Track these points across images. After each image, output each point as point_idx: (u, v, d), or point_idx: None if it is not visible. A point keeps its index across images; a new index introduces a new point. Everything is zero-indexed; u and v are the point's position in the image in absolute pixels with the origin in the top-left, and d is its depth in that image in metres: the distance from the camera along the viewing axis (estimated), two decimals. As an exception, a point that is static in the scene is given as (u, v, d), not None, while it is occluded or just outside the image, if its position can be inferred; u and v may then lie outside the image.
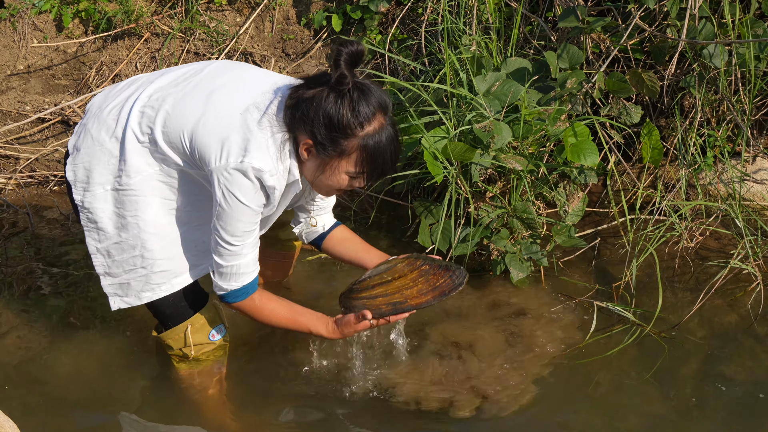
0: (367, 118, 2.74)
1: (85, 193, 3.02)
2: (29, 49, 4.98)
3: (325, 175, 2.86)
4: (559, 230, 3.82)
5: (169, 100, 2.88)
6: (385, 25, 4.86)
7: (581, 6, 3.98)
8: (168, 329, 3.18)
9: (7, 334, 3.59)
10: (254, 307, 3.03)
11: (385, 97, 2.78)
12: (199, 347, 3.20)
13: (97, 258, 3.08)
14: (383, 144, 2.79)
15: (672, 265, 3.94)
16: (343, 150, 2.78)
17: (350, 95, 2.72)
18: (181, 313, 3.15)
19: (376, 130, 2.77)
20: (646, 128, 3.91)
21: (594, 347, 3.46)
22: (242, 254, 2.92)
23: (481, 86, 3.80)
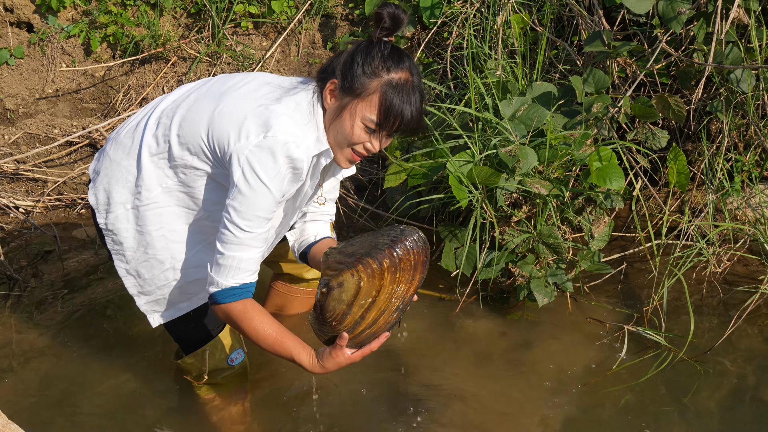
0: (395, 66, 2.71)
1: (108, 215, 3.01)
2: (58, 73, 5.03)
3: (342, 120, 2.74)
4: (585, 255, 3.80)
5: (182, 107, 2.87)
6: (410, 49, 4.87)
7: (607, 30, 3.97)
8: (188, 354, 3.18)
9: (32, 357, 3.60)
10: (243, 314, 2.79)
11: (415, 68, 2.76)
12: (218, 372, 3.19)
13: (128, 279, 3.07)
14: (405, 95, 2.71)
15: (699, 290, 3.91)
16: (364, 89, 2.70)
17: (383, 44, 2.71)
18: (200, 337, 3.15)
19: (401, 80, 2.71)
20: (673, 153, 3.89)
21: (625, 373, 3.43)
22: (248, 245, 2.74)
23: (506, 110, 3.79)
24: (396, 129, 2.74)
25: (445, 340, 3.68)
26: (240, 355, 3.20)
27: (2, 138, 4.91)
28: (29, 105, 5.00)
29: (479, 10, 4.46)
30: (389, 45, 2.72)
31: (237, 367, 3.21)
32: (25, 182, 4.73)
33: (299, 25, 5.03)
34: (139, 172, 2.91)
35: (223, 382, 3.23)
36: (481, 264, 3.77)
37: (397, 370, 3.49)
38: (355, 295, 2.70)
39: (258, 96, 2.76)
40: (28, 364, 3.56)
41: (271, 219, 2.75)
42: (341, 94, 2.72)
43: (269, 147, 2.65)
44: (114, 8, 4.97)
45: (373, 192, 4.62)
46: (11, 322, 3.81)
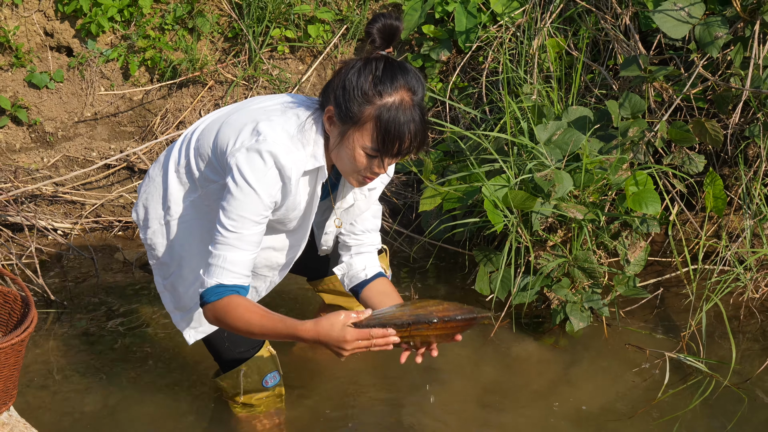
0: (388, 88, 2.60)
1: (147, 230, 3.08)
2: (96, 97, 5.08)
3: (343, 147, 2.67)
4: (621, 280, 3.78)
5: (205, 122, 2.94)
6: (446, 74, 4.89)
7: (643, 55, 3.96)
8: (225, 372, 3.20)
9: (70, 376, 3.63)
10: (227, 306, 2.69)
11: (414, 79, 2.63)
12: (252, 393, 3.21)
13: (165, 296, 3.13)
14: (400, 119, 2.60)
15: (737, 315, 3.88)
16: (358, 117, 2.61)
17: (375, 64, 2.61)
18: (236, 357, 3.17)
19: (395, 103, 2.60)
20: (709, 177, 3.87)
21: (669, 402, 3.40)
22: (234, 246, 2.69)
23: (542, 135, 3.79)
24: (397, 153, 2.66)
25: (480, 365, 3.67)
26: (275, 378, 3.21)
27: (41, 161, 4.97)
28: (68, 128, 5.06)
29: (515, 34, 4.47)
30: (381, 62, 2.62)
31: (272, 389, 3.22)
32: (63, 204, 4.78)
33: (335, 49, 5.06)
34: (167, 187, 2.98)
35: (258, 403, 3.24)
36: (516, 288, 3.76)
37: (429, 395, 3.49)
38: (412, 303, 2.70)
39: (267, 109, 2.78)
40: (66, 383, 3.58)
41: (260, 223, 2.71)
42: (338, 121, 2.67)
43: (258, 150, 2.65)
44: (152, 33, 5.03)
45: (407, 215, 4.63)
46: (49, 343, 3.84)
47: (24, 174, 4.84)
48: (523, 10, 4.48)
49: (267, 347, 3.20)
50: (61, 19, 5.06)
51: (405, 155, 2.69)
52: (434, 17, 4.82)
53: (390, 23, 2.63)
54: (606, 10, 4.32)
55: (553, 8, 4.39)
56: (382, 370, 3.61)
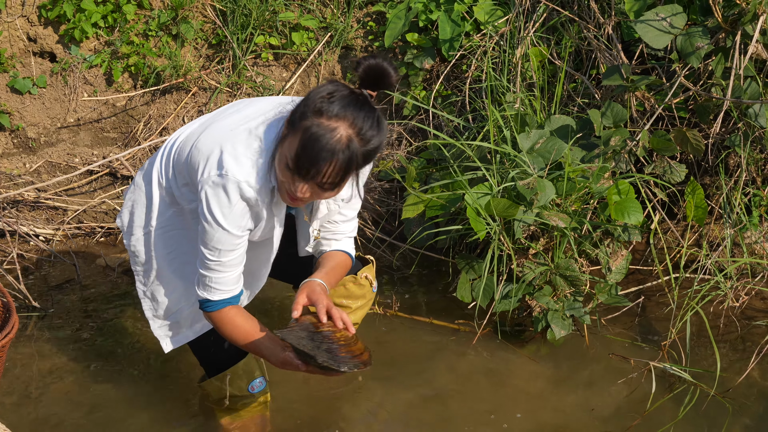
0: (334, 113, 2.53)
1: (131, 237, 3.11)
2: (79, 102, 5.07)
3: (278, 161, 2.66)
4: (603, 288, 3.80)
5: (183, 135, 2.95)
6: (429, 81, 4.90)
7: (626, 64, 3.99)
8: (210, 377, 3.20)
9: (51, 383, 3.61)
10: (224, 319, 2.87)
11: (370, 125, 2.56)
12: (237, 398, 3.20)
13: (145, 302, 3.15)
14: (325, 144, 2.52)
15: (717, 324, 3.90)
16: (295, 126, 2.58)
17: (343, 90, 2.56)
18: (223, 361, 3.17)
19: (331, 128, 2.53)
20: (691, 186, 3.90)
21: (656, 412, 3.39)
22: (219, 270, 2.81)
23: (524, 143, 3.81)
24: (308, 176, 2.59)
25: (462, 373, 3.67)
26: (261, 384, 3.21)
27: (24, 166, 4.95)
28: (51, 134, 5.04)
29: (498, 43, 4.49)
30: (347, 91, 2.58)
31: (257, 395, 3.22)
32: (45, 210, 4.76)
33: (319, 56, 5.06)
34: (151, 196, 3.01)
35: (243, 409, 3.24)
36: (499, 296, 3.77)
37: (413, 403, 3.49)
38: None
39: (235, 127, 2.77)
40: (47, 389, 3.57)
41: (237, 247, 2.79)
42: (288, 126, 2.65)
43: (223, 185, 2.68)
44: (136, 39, 5.03)
45: (390, 222, 4.63)
46: (31, 350, 3.83)
47: (6, 179, 4.82)
48: (506, 19, 4.50)
49: None
50: (45, 24, 5.06)
51: (321, 186, 2.62)
52: (418, 25, 4.83)
53: (376, 65, 2.57)
54: (589, 19, 4.34)
55: (536, 17, 4.41)
56: (365, 378, 3.61)
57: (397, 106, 4.97)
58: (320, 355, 2.65)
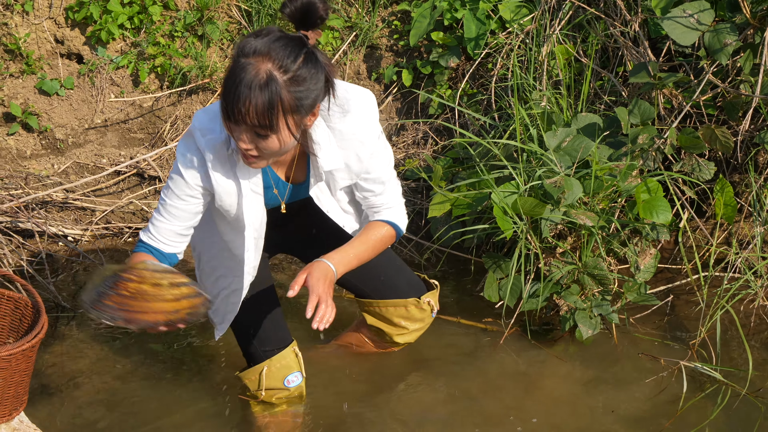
0: (254, 51, 2.52)
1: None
2: (106, 104, 5.10)
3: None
4: (631, 287, 3.78)
5: None
6: (455, 80, 4.89)
7: (653, 62, 3.96)
8: (249, 368, 3.23)
9: (81, 382, 3.63)
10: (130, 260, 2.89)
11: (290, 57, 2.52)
12: (273, 392, 3.23)
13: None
14: (244, 77, 2.50)
15: (748, 322, 3.87)
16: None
17: (264, 32, 2.56)
18: (260, 354, 3.21)
19: (249, 64, 2.51)
20: (720, 184, 3.87)
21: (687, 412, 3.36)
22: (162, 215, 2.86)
23: (551, 142, 3.79)
24: (236, 120, 2.56)
25: (490, 373, 3.66)
26: (297, 378, 3.23)
27: (52, 167, 4.98)
28: (78, 135, 5.07)
29: (524, 41, 4.47)
30: (278, 30, 2.57)
31: (293, 390, 3.24)
32: (73, 211, 4.79)
33: (344, 56, 5.07)
34: None
35: (278, 402, 3.26)
36: (526, 295, 3.76)
37: (440, 402, 3.49)
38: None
39: None
40: (77, 389, 3.59)
41: (182, 198, 2.82)
42: None
43: (186, 133, 2.78)
44: (162, 40, 5.05)
45: (416, 222, 4.63)
46: (60, 349, 3.85)
47: (35, 180, 4.85)
48: (532, 17, 4.48)
49: (293, 347, 3.23)
50: (72, 26, 5.08)
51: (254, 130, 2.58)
52: (443, 24, 4.82)
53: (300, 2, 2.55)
54: (615, 17, 4.32)
55: (562, 15, 4.39)
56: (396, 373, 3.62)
57: (422, 105, 4.96)
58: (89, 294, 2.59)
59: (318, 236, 3.28)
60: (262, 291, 3.20)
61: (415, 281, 3.46)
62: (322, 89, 2.64)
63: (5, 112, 5.01)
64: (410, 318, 3.44)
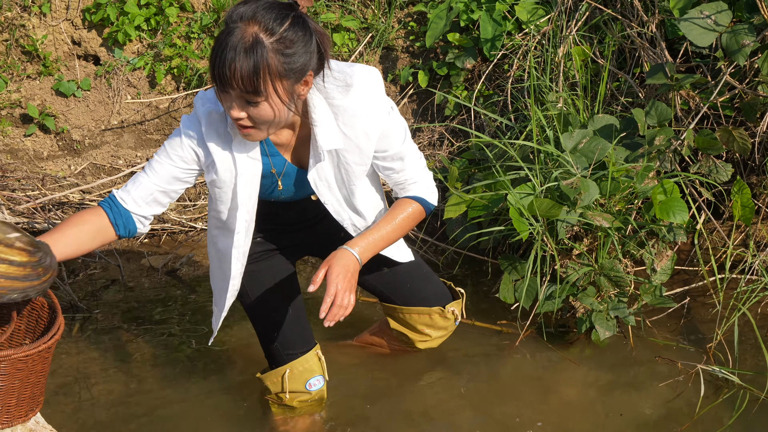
0: (240, 16, 2.50)
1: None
2: (123, 105, 5.11)
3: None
4: (648, 289, 3.76)
5: None
6: (471, 81, 4.88)
7: (670, 63, 3.95)
8: (271, 370, 3.24)
9: (96, 383, 3.64)
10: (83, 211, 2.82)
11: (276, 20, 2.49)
12: (295, 394, 3.22)
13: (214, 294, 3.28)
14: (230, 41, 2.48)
15: (765, 326, 3.85)
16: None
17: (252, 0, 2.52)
18: (283, 357, 3.21)
19: (235, 28, 2.49)
20: (737, 186, 3.85)
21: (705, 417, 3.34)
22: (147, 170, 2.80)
23: (567, 143, 3.78)
24: (224, 86, 2.54)
25: (506, 376, 3.65)
26: (319, 382, 3.23)
27: (68, 168, 5.00)
28: (95, 136, 5.09)
29: (540, 42, 4.46)
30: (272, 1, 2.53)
31: (314, 393, 3.23)
32: (90, 212, 4.81)
33: (360, 57, 5.06)
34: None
35: (300, 406, 3.26)
36: (542, 296, 3.75)
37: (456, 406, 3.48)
38: None
39: None
40: (93, 390, 3.60)
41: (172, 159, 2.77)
42: None
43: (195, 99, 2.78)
44: (178, 41, 5.06)
45: (432, 223, 4.62)
46: (77, 350, 3.86)
47: (51, 181, 4.87)
48: (548, 18, 4.47)
49: (316, 351, 3.22)
50: (89, 27, 5.10)
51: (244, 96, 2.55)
52: (459, 25, 4.82)
53: None
54: (632, 17, 4.31)
55: (579, 16, 4.37)
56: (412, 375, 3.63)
57: (438, 106, 4.96)
58: None
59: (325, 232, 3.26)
60: (287, 293, 3.20)
61: (441, 290, 3.43)
62: (314, 57, 2.60)
63: (22, 113, 5.04)
64: (434, 326, 3.43)
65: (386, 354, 3.67)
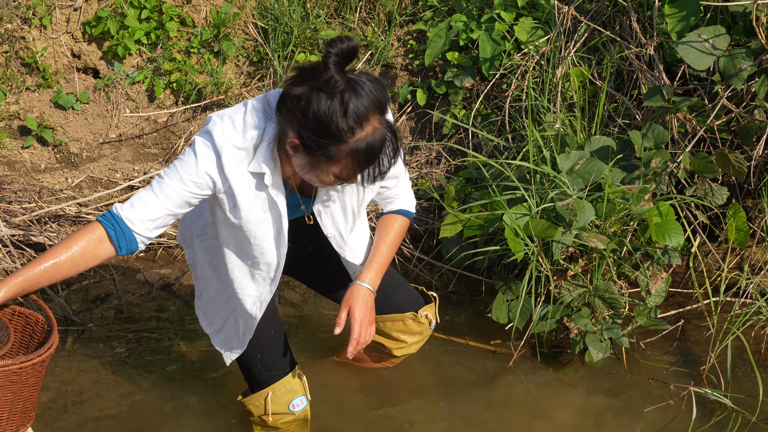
0: (359, 122, 2.49)
1: (188, 250, 3.21)
2: (121, 118, 5.12)
3: (314, 174, 2.64)
4: (642, 311, 3.76)
5: None
6: (469, 101, 4.89)
7: (667, 85, 3.96)
8: (253, 393, 3.21)
9: (89, 398, 3.64)
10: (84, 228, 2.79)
11: (379, 93, 2.52)
12: (278, 416, 3.21)
13: (200, 317, 3.24)
14: (375, 149, 2.54)
15: (758, 348, 3.85)
16: (331, 156, 2.55)
17: (341, 98, 2.48)
18: (266, 378, 3.19)
19: (369, 134, 2.52)
20: (732, 209, 3.85)
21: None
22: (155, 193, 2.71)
23: (564, 164, 3.79)
24: (377, 176, 2.62)
25: (497, 397, 3.65)
26: (302, 403, 3.22)
27: (66, 181, 5.01)
28: (93, 149, 5.09)
29: (538, 62, 4.47)
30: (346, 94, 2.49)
31: (298, 414, 3.22)
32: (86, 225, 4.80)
33: (359, 74, 5.08)
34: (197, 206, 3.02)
35: (283, 427, 3.25)
36: (536, 317, 3.75)
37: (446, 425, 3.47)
38: None
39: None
40: (85, 405, 3.59)
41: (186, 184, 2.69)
42: (306, 153, 2.59)
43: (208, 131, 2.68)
44: (178, 56, 5.07)
45: (428, 242, 4.62)
46: (70, 364, 3.86)
47: (48, 194, 4.87)
48: (547, 39, 4.49)
49: (297, 371, 3.21)
50: (89, 41, 5.11)
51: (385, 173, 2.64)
52: (458, 44, 4.83)
53: (345, 47, 2.47)
54: (630, 39, 4.32)
55: (578, 37, 4.39)
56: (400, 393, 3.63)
57: (436, 124, 4.97)
58: None
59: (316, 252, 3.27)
60: (267, 314, 3.15)
61: (413, 295, 3.46)
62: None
63: (21, 125, 5.04)
64: (408, 332, 3.44)
65: (371, 369, 3.66)
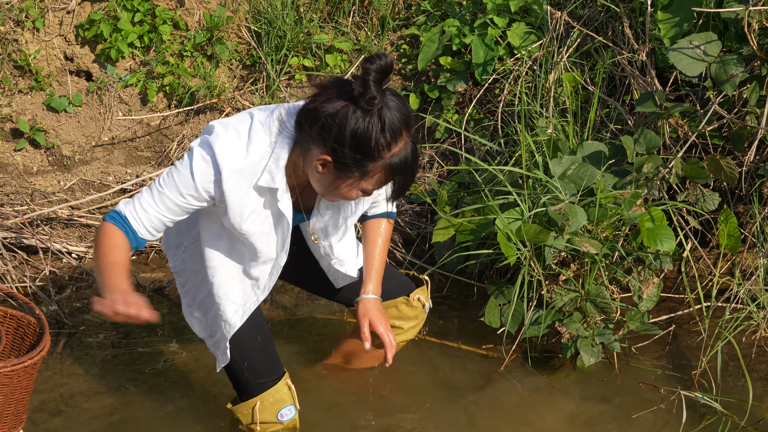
0: (395, 138, 2.58)
1: (174, 258, 3.19)
2: (114, 121, 5.12)
3: (339, 190, 2.71)
4: (634, 316, 3.77)
5: None
6: (462, 105, 4.90)
7: (659, 91, 3.97)
8: (241, 402, 3.20)
9: (81, 402, 3.63)
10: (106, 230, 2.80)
11: (407, 108, 2.62)
12: (266, 425, 3.19)
13: (193, 323, 3.23)
14: (408, 163, 2.65)
15: (749, 353, 3.86)
16: (366, 171, 2.63)
17: (379, 115, 2.55)
18: (254, 387, 3.17)
19: (402, 149, 2.62)
20: (724, 215, 3.87)
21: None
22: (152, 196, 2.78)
23: (556, 169, 3.80)
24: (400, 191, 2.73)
25: (489, 399, 3.65)
26: (290, 412, 3.20)
27: (58, 184, 5.00)
28: (85, 152, 5.09)
29: (531, 67, 4.49)
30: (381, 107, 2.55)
31: (286, 423, 3.21)
32: (78, 228, 4.80)
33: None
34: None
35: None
36: (528, 321, 3.76)
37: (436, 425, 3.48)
38: None
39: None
40: (77, 408, 3.59)
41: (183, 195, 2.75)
42: (336, 170, 2.65)
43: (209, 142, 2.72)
44: (171, 59, 5.07)
45: (421, 246, 4.63)
46: (61, 367, 3.85)
47: (40, 197, 4.86)
48: (540, 44, 4.50)
49: (285, 380, 3.20)
50: (81, 43, 5.11)
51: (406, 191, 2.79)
52: (451, 49, 4.84)
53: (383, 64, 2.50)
54: (623, 45, 4.33)
55: (570, 42, 4.40)
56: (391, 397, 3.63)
57: (429, 129, 4.98)
58: None
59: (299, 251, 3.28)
60: (254, 321, 3.14)
61: (402, 281, 3.50)
62: None
63: (13, 127, 5.04)
64: (403, 317, 3.45)
65: (363, 371, 3.66)
